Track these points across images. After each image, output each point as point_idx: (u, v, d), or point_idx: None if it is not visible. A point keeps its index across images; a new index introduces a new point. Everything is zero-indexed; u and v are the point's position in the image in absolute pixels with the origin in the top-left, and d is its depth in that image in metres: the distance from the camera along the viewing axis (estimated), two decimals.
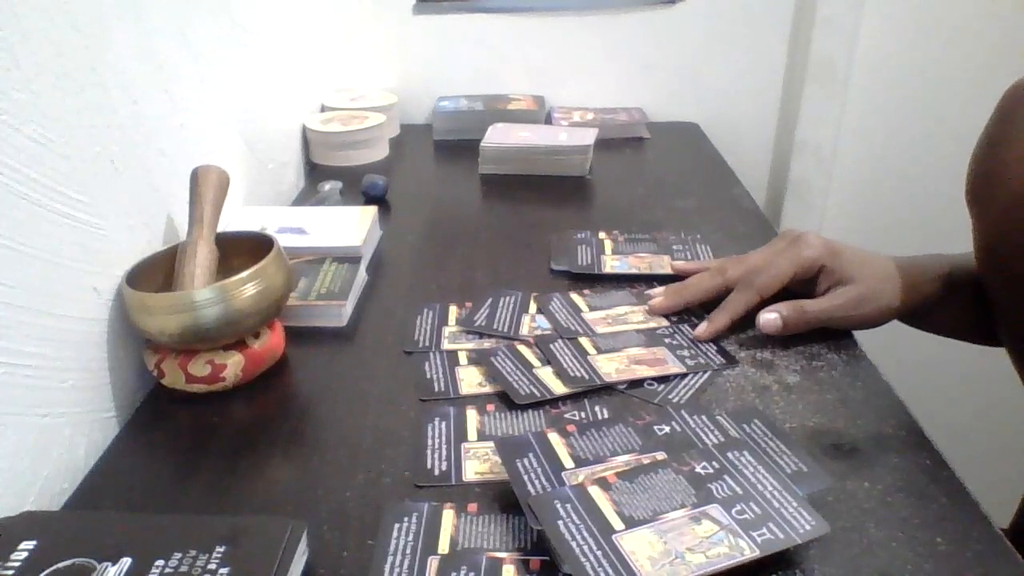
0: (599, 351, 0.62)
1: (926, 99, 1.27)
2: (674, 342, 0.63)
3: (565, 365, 0.59)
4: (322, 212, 0.85)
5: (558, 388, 0.57)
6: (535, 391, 0.57)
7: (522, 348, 0.63)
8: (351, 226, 0.79)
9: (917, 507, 0.46)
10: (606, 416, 0.55)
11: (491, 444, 0.52)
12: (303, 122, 1.10)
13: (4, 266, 0.47)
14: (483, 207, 0.98)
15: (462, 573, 0.42)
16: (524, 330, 0.66)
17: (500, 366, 0.60)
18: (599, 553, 0.40)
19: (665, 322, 0.66)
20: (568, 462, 0.49)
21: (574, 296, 0.70)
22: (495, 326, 0.66)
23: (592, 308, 0.68)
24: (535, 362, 0.61)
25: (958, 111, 1.15)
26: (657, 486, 0.45)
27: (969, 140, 0.59)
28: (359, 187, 0.96)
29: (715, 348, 0.62)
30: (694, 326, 0.65)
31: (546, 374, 0.59)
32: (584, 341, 0.63)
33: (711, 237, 0.81)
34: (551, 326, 0.66)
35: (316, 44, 1.18)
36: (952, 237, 0.66)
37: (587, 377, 0.58)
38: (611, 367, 0.59)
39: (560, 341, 0.63)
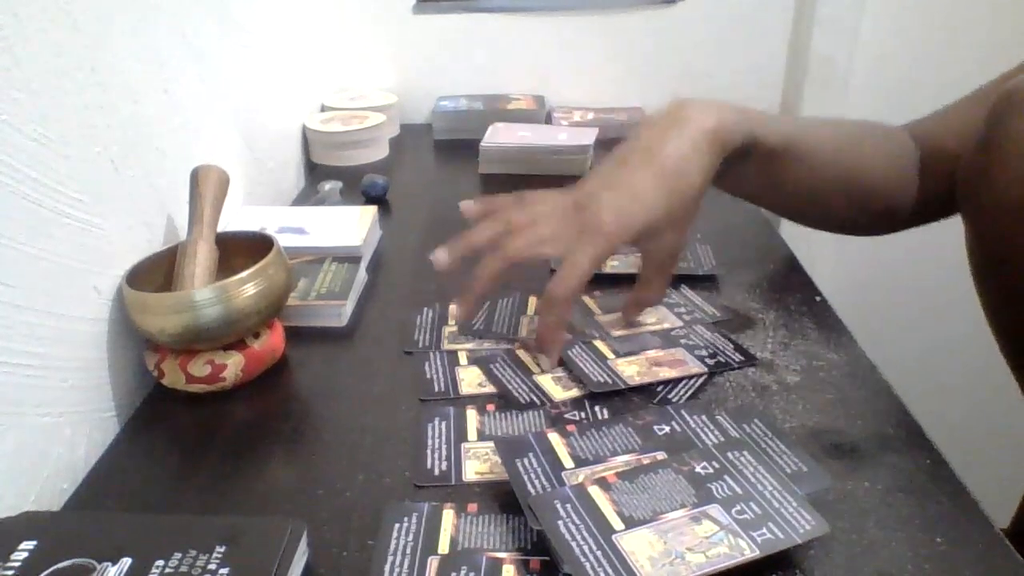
0: (617, 355, 0.61)
1: (926, 99, 1.26)
2: (690, 342, 0.63)
3: (587, 371, 0.59)
4: (322, 212, 0.85)
5: (557, 395, 0.57)
6: (534, 399, 0.57)
7: (521, 353, 0.63)
8: (351, 226, 0.79)
9: (917, 507, 0.46)
10: (606, 416, 0.55)
11: (491, 444, 0.52)
12: (303, 122, 1.10)
13: (4, 266, 0.47)
14: None
15: (462, 573, 0.42)
16: (523, 332, 0.66)
17: (499, 373, 0.60)
18: (599, 553, 0.40)
19: (679, 322, 0.66)
20: (568, 462, 0.49)
21: (585, 299, 0.70)
22: (493, 328, 0.66)
23: (604, 311, 0.68)
24: (534, 368, 0.61)
25: None
26: (657, 486, 0.45)
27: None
28: (359, 187, 0.96)
29: (732, 346, 0.62)
30: (707, 325, 0.65)
31: (545, 380, 0.59)
32: (600, 345, 0.63)
33: (711, 237, 0.81)
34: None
35: (316, 44, 1.18)
36: (950, 236, 0.66)
37: (610, 381, 0.58)
38: (632, 370, 0.59)
39: (577, 347, 0.63)
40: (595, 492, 0.45)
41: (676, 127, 0.59)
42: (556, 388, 0.58)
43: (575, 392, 0.58)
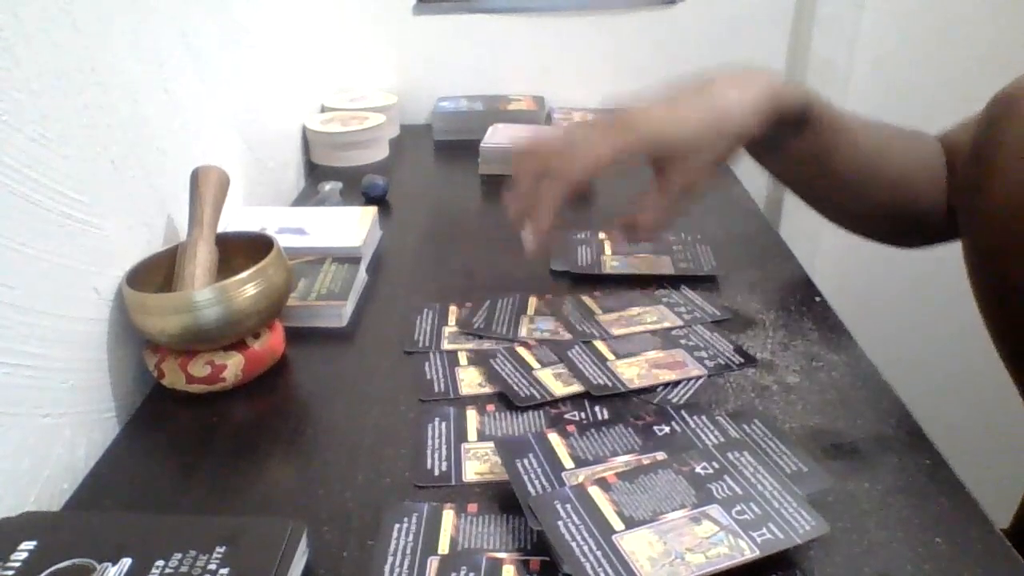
0: (617, 356, 0.61)
1: (925, 98, 1.27)
2: (690, 343, 0.63)
3: (587, 373, 0.59)
4: (322, 212, 0.85)
5: (558, 390, 0.57)
6: (535, 393, 0.57)
7: (521, 350, 0.63)
8: (351, 226, 0.79)
9: (917, 507, 0.46)
10: (606, 416, 0.55)
11: (491, 444, 0.52)
12: (303, 122, 1.10)
13: (4, 266, 0.47)
14: (483, 207, 0.98)
15: (462, 573, 0.42)
16: (523, 332, 0.66)
17: (499, 369, 0.60)
18: (599, 553, 0.40)
19: (679, 322, 0.66)
20: (568, 462, 0.49)
21: (585, 299, 0.70)
22: (493, 328, 0.66)
23: (605, 310, 0.68)
24: (534, 364, 0.61)
25: (957, 110, 1.16)
26: (657, 486, 0.45)
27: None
28: (359, 187, 0.96)
29: (732, 347, 0.62)
30: (708, 325, 0.65)
31: (545, 376, 0.59)
32: (600, 345, 0.63)
33: (711, 237, 0.81)
34: (555, 329, 0.66)
35: (316, 44, 1.18)
36: None
37: (611, 384, 0.58)
38: (632, 372, 0.59)
39: (577, 347, 0.63)
40: (595, 492, 0.45)
41: (736, 78, 0.58)
42: (556, 383, 0.58)
43: (575, 388, 0.58)
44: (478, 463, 0.51)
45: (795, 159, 0.65)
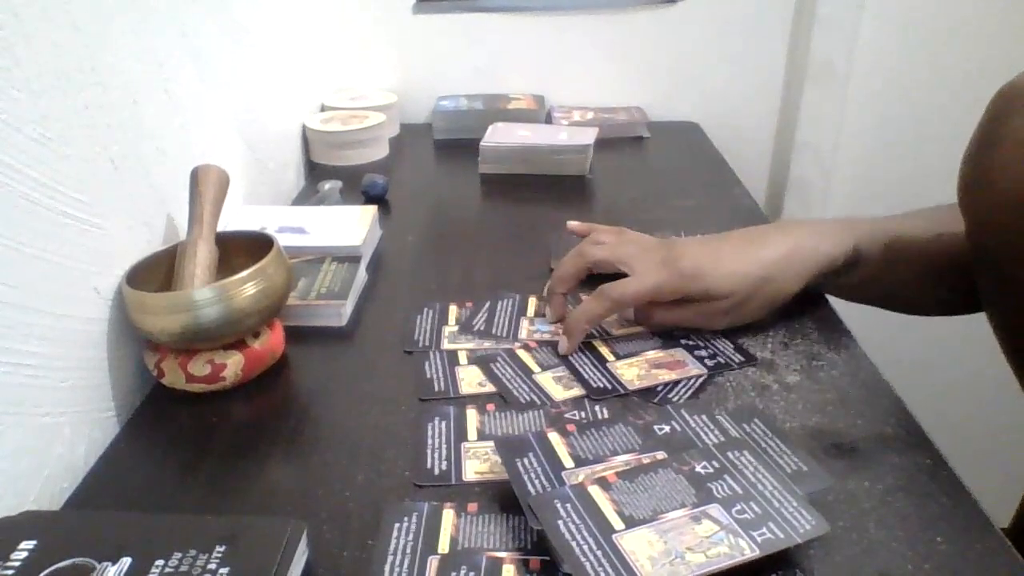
0: (617, 357, 0.61)
1: (926, 99, 1.27)
2: (691, 342, 0.63)
3: (587, 376, 0.59)
4: (322, 212, 0.85)
5: (558, 394, 0.57)
6: (535, 398, 0.57)
7: (521, 352, 0.63)
8: (351, 226, 0.79)
9: (917, 507, 0.46)
10: (606, 416, 0.55)
11: (491, 444, 0.52)
12: (303, 122, 1.10)
13: (4, 266, 0.47)
14: (483, 207, 0.98)
15: (462, 573, 0.42)
16: (523, 334, 0.66)
17: (500, 373, 0.60)
18: (599, 553, 0.40)
19: None
20: (568, 462, 0.49)
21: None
22: (493, 331, 0.66)
23: None
24: (535, 367, 0.61)
25: (958, 110, 1.15)
26: (657, 486, 0.45)
27: (968, 139, 0.59)
28: (359, 187, 0.96)
29: (732, 346, 0.62)
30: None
31: (545, 379, 0.59)
32: (600, 346, 0.63)
33: None
34: (555, 330, 0.66)
35: (316, 44, 1.18)
36: None
37: (611, 387, 0.58)
38: (632, 373, 0.59)
39: (577, 348, 0.62)
40: (595, 492, 0.45)
41: (787, 237, 0.62)
42: (556, 388, 0.58)
43: (575, 392, 0.58)
44: (478, 462, 0.51)
45: (851, 290, 0.67)
